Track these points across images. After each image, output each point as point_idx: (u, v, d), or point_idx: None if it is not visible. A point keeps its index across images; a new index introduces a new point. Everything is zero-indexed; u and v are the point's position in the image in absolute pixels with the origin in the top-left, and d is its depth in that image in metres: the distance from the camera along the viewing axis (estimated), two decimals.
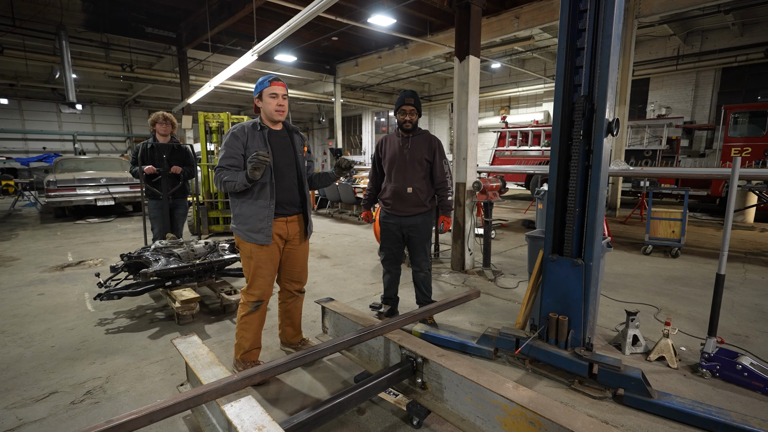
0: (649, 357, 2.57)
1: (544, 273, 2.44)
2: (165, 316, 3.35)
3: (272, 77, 2.25)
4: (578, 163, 2.21)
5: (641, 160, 9.51)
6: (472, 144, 4.46)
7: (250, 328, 2.34)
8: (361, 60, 13.85)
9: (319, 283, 4.22)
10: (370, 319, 2.44)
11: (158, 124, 4.14)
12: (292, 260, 2.44)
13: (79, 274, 4.54)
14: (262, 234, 2.23)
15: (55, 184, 8.04)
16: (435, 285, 4.15)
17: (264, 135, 2.26)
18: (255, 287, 2.30)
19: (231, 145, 2.22)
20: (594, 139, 2.17)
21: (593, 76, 2.16)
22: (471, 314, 3.36)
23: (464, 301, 2.55)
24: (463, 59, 4.32)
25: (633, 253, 5.35)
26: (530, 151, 11.70)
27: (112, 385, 2.33)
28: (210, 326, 3.15)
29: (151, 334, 2.99)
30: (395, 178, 2.96)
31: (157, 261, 3.34)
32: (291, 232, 2.36)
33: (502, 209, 9.98)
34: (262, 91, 2.24)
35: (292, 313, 2.58)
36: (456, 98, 4.44)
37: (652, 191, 5.54)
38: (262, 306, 2.35)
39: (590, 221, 2.22)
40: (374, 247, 5.79)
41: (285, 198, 2.30)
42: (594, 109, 2.16)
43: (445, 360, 1.84)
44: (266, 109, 2.26)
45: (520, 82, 15.50)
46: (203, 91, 10.74)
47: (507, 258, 5.22)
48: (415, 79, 17.26)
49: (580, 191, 2.26)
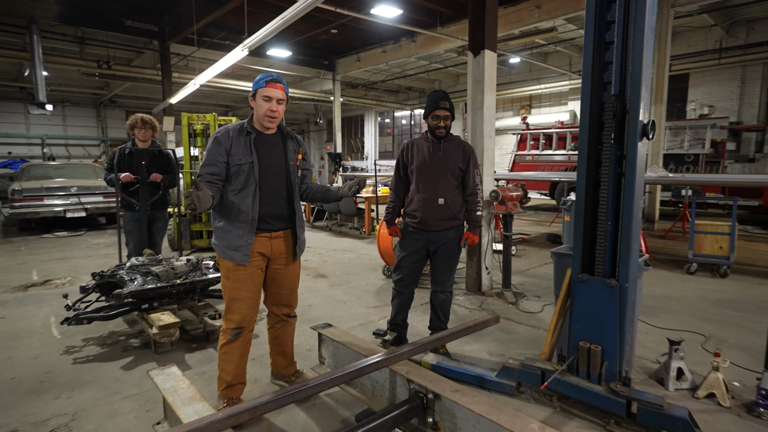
0: (697, 393, 2.52)
1: (572, 295, 2.42)
2: (140, 343, 3.35)
3: (270, 77, 2.24)
4: (609, 171, 2.21)
5: (682, 166, 9.48)
6: (489, 148, 4.48)
7: (231, 359, 2.30)
8: (364, 55, 14.06)
9: (316, 306, 4.20)
10: (373, 348, 2.43)
11: (137, 129, 4.19)
12: (279, 282, 2.43)
13: (44, 295, 4.56)
14: (239, 252, 2.21)
15: (20, 194, 8.14)
16: None
17: (250, 140, 2.25)
18: (233, 311, 2.28)
19: (213, 151, 2.22)
20: (627, 143, 2.17)
21: (625, 73, 2.17)
22: (489, 343, 3.33)
23: (482, 327, 2.53)
24: (478, 54, 4.36)
25: (675, 272, 5.29)
26: (555, 155, 11.72)
27: (79, 423, 2.32)
28: (191, 355, 3.14)
29: (124, 365, 2.98)
30: (424, 188, 2.96)
31: (132, 281, 3.35)
32: (276, 250, 2.34)
33: (523, 222, 9.96)
34: (256, 91, 2.25)
35: (281, 340, 2.57)
36: (470, 97, 4.48)
37: (695, 201, 5.51)
38: (244, 334, 2.32)
39: (625, 236, 2.21)
40: (378, 265, 5.78)
41: (270, 212, 2.29)
42: (626, 109, 2.16)
43: (460, 396, 1.82)
44: (257, 112, 2.27)
45: (542, 78, 15.60)
46: (187, 90, 10.92)
47: (530, 278, 5.18)
48: (424, 75, 17.45)
49: (613, 202, 2.26)
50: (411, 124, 22.59)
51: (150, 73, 13.68)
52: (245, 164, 2.22)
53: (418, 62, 15.33)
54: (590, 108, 2.27)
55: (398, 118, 23.31)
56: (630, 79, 2.13)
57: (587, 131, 2.28)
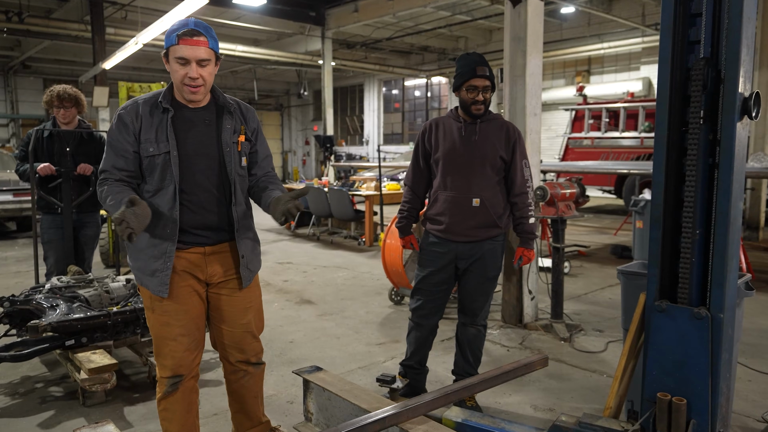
0: None
1: (647, 330, 2.42)
2: (64, 392, 3.37)
3: (185, 27, 2.07)
4: (697, 161, 2.21)
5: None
6: (533, 129, 4.49)
7: (173, 417, 2.26)
8: (363, 3, 14.14)
9: (299, 343, 4.22)
10: (378, 399, 2.44)
11: (55, 108, 4.16)
12: (225, 316, 2.30)
13: None
14: (155, 279, 2.12)
15: None
16: None
17: (167, 120, 2.13)
18: (165, 355, 2.20)
19: (116, 136, 2.13)
20: (722, 123, 2.17)
21: (718, 29, 2.18)
22: (534, 393, 3.33)
23: (524, 372, 2.54)
24: (519, 2, 4.39)
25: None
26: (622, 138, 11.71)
27: None
28: (132, 409, 3.16)
29: (42, 422, 3.00)
30: (453, 184, 2.96)
31: (53, 308, 3.38)
32: (213, 271, 2.25)
33: (579, 229, 9.95)
34: (168, 50, 2.10)
35: (240, 396, 2.45)
36: (508, 61, 4.50)
37: None
38: (185, 384, 2.25)
39: (718, 250, 2.21)
40: (382, 287, 5.80)
41: (199, 221, 2.18)
42: (721, 78, 2.17)
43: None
44: (175, 79, 2.13)
45: (604, 34, 15.63)
46: (126, 51, 11.05)
47: (589, 305, 5.18)
48: (445, 30, 17.52)
49: (702, 203, 2.26)
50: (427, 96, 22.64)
51: (76, 28, 13.84)
52: (159, 155, 2.11)
53: (438, 13, 15.40)
54: (671, 76, 2.26)
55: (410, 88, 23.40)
56: (726, 37, 2.13)
57: (667, 108, 2.28)
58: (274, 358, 3.93)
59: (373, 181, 9.42)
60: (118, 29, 13.77)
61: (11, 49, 18.37)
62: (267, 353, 3.85)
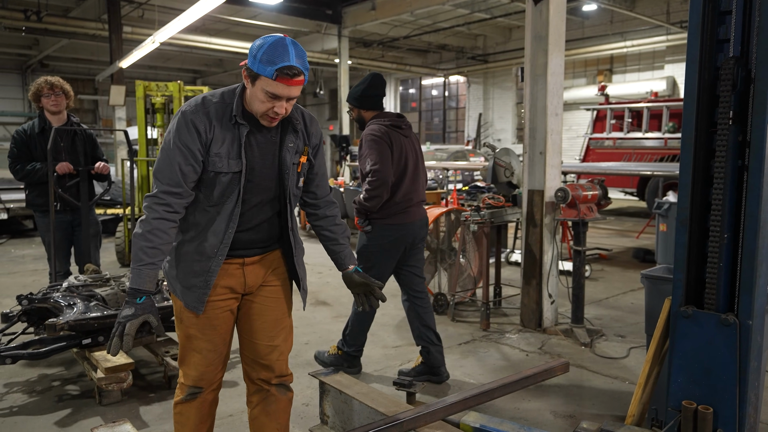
0: None
1: (672, 336, 2.40)
2: (80, 391, 3.42)
3: (284, 63, 1.84)
4: (726, 163, 2.18)
5: None
6: (554, 130, 4.46)
7: (187, 423, 2.20)
8: (381, 1, 14.14)
9: (315, 345, 4.24)
10: (397, 402, 2.44)
11: (44, 98, 4.14)
12: (254, 321, 2.21)
13: None
14: (193, 294, 2.04)
15: None
16: (496, 350, 4.12)
17: (240, 137, 1.98)
18: (188, 364, 2.15)
19: (178, 149, 1.92)
20: (752, 124, 2.14)
21: (749, 27, 2.15)
22: (554, 399, 3.31)
23: (544, 378, 2.53)
24: (540, 0, 4.36)
25: None
26: (646, 139, 11.59)
27: None
28: (148, 408, 3.20)
29: (59, 420, 3.05)
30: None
31: (70, 307, 3.43)
32: (252, 282, 2.16)
33: (601, 231, 9.86)
34: (258, 77, 1.88)
35: (262, 428, 2.25)
36: (529, 60, 4.47)
37: None
38: (204, 396, 2.19)
39: (748, 254, 2.18)
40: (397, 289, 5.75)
41: (248, 238, 2.10)
42: (751, 77, 2.14)
43: None
44: (253, 105, 1.96)
45: (627, 32, 15.48)
46: (143, 50, 11.16)
47: (610, 309, 5.13)
48: (464, 29, 17.48)
49: (730, 206, 2.23)
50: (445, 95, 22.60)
51: (93, 27, 14.03)
52: (227, 174, 1.98)
53: (456, 11, 15.35)
54: (699, 75, 2.24)
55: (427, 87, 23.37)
56: (757, 36, 2.10)
57: (695, 108, 2.26)
58: (290, 360, 3.93)
59: None
60: (135, 28, 13.94)
61: (29, 47, 18.68)
62: None
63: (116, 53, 13.08)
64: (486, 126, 20.17)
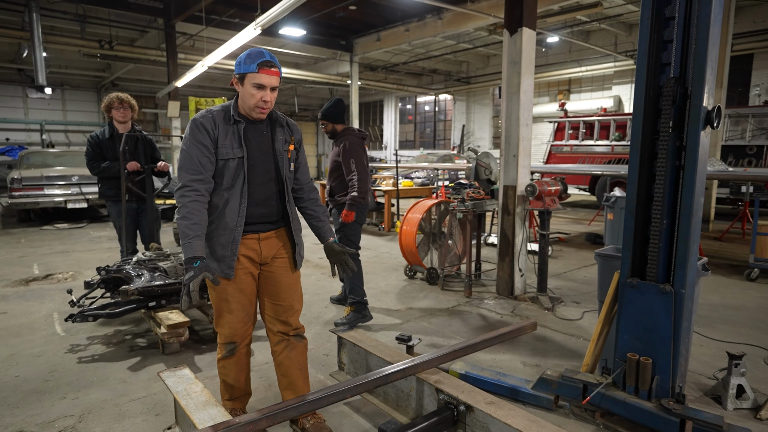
0: (760, 414, 2.46)
1: (620, 302, 2.39)
2: (147, 343, 3.44)
3: (262, 58, 1.99)
4: (667, 163, 2.17)
5: (742, 159, 9.20)
6: (525, 137, 4.43)
7: (229, 374, 2.28)
8: (385, 34, 14.00)
9: (332, 308, 4.24)
10: (399, 353, 2.44)
11: (114, 110, 4.17)
12: (272, 289, 2.24)
13: (46, 290, 4.71)
14: (223, 264, 2.09)
15: (19, 182, 8.40)
16: (477, 313, 4.12)
17: (239, 130, 2.08)
18: (223, 324, 2.20)
19: (197, 144, 2.01)
20: (688, 131, 2.12)
21: (686, 53, 2.12)
22: (523, 352, 3.31)
23: (517, 334, 2.52)
24: (515, 32, 4.31)
25: (733, 279, 5.16)
26: (596, 146, 11.50)
27: (87, 425, 2.40)
28: (201, 357, 3.22)
29: (131, 365, 3.07)
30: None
31: (139, 276, 3.44)
32: (266, 253, 2.19)
33: (559, 220, 9.82)
34: (244, 75, 2.01)
35: (286, 369, 2.29)
36: (505, 80, 4.43)
37: (758, 199, 5.34)
38: (239, 350, 2.26)
39: (682, 237, 2.17)
40: (398, 264, 5.80)
41: (259, 213, 2.14)
42: (687, 94, 2.11)
43: (495, 409, 1.82)
44: (245, 101, 2.07)
45: (583, 60, 15.31)
46: (194, 72, 11.08)
47: (567, 281, 5.12)
48: (451, 56, 17.32)
49: (669, 198, 2.21)
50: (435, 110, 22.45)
51: (154, 54, 13.93)
52: (233, 159, 2.06)
53: (445, 42, 15.20)
54: (645, 93, 2.22)
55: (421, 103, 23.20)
56: (693, 60, 2.07)
57: (641, 119, 2.24)
58: (312, 319, 3.95)
59: (391, 179, 9.40)
60: (187, 54, 13.82)
61: (103, 70, 18.57)
62: (306, 315, 3.91)
63: (172, 75, 13.00)
64: (468, 135, 20.04)
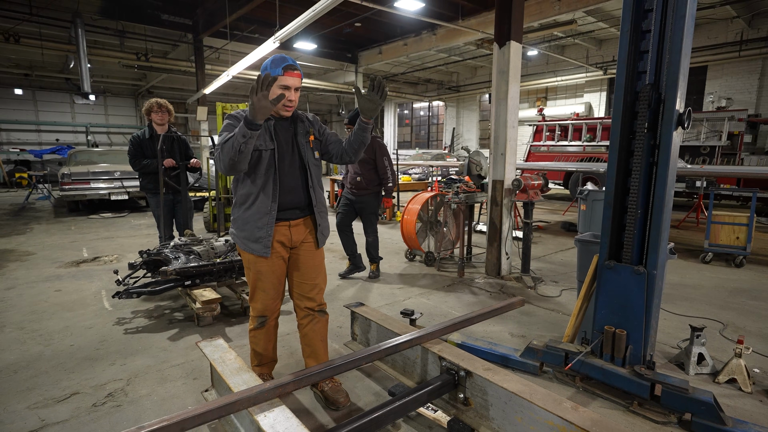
0: (718, 379, 2.45)
1: (598, 281, 2.37)
2: (184, 317, 3.42)
3: (286, 63, 1.99)
4: (642, 160, 2.13)
5: (697, 158, 9.14)
6: (512, 138, 4.38)
7: (259, 342, 2.28)
8: (385, 48, 13.86)
9: (343, 287, 4.23)
10: (404, 326, 2.42)
11: (153, 113, 4.14)
12: (300, 271, 2.22)
13: (95, 271, 4.69)
14: (260, 244, 2.06)
15: (69, 177, 8.36)
16: (469, 291, 4.11)
17: (269, 127, 2.07)
18: (256, 300, 2.19)
19: (232, 126, 2.00)
20: (661, 132, 2.08)
21: (661, 62, 2.07)
22: (511, 325, 3.30)
23: (507, 309, 2.50)
24: (504, 45, 4.24)
25: (690, 262, 5.14)
26: (570, 146, 11.43)
27: (134, 387, 2.39)
28: (231, 329, 3.20)
29: (170, 336, 3.06)
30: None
31: (176, 259, 3.41)
32: (296, 238, 2.18)
33: (537, 210, 9.78)
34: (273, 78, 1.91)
35: (310, 340, 2.30)
36: (495, 88, 4.36)
37: (713, 192, 5.30)
38: (269, 323, 2.26)
39: (655, 224, 2.14)
40: (399, 249, 5.77)
41: (289, 200, 2.11)
42: (662, 99, 2.07)
43: (492, 374, 1.80)
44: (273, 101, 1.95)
45: (558, 71, 15.17)
46: (220, 81, 10.96)
47: (547, 263, 5.11)
48: (443, 68, 17.16)
49: (643, 191, 2.18)
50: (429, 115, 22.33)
51: (184, 65, 13.78)
52: (266, 151, 2.03)
53: (438, 55, 15.06)
54: (624, 98, 2.18)
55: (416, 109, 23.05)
56: (667, 68, 2.03)
57: (620, 121, 2.20)
58: (326, 297, 3.92)
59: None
60: (214, 66, 13.68)
61: (139, 80, 18.38)
62: None
63: (201, 83, 12.88)
64: (458, 137, 19.91)
